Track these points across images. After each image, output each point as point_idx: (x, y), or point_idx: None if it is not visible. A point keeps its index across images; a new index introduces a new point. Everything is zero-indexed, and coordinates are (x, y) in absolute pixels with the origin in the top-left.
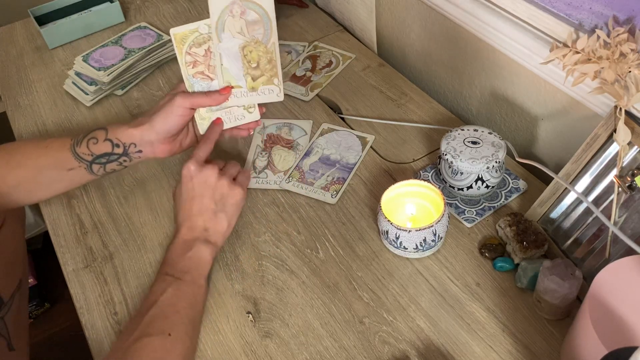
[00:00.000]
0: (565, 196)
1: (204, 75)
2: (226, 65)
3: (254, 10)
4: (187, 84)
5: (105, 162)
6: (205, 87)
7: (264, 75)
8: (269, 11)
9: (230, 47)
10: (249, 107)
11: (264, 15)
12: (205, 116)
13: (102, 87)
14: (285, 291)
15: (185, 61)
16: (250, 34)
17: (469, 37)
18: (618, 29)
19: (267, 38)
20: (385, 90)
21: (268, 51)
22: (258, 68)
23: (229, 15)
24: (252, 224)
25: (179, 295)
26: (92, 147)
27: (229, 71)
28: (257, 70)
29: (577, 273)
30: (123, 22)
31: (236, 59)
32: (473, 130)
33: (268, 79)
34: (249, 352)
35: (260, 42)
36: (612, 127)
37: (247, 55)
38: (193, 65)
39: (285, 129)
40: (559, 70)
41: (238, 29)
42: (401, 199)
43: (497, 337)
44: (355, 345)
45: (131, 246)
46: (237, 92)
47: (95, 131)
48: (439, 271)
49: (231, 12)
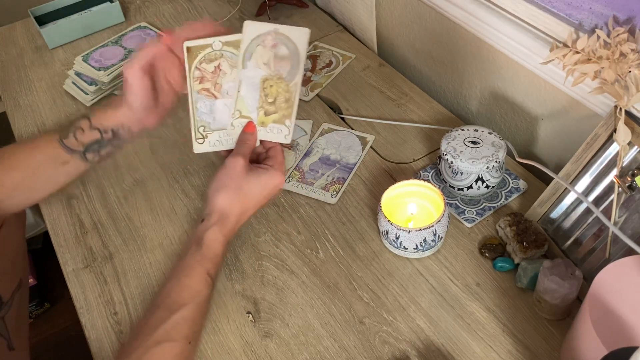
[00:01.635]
0: (565, 196)
1: (208, 93)
2: (243, 93)
3: (286, 45)
4: (191, 99)
5: (98, 148)
6: (208, 104)
7: (278, 113)
8: (301, 51)
9: (252, 76)
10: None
11: (294, 54)
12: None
13: (102, 87)
14: (285, 291)
15: (193, 76)
16: (275, 68)
17: (469, 37)
18: (618, 29)
19: (291, 77)
20: (385, 90)
21: (289, 90)
22: (274, 104)
23: (259, 45)
24: (252, 224)
25: (208, 302)
26: (81, 137)
27: (244, 100)
28: (272, 106)
29: (577, 273)
30: (123, 22)
31: (255, 90)
32: (473, 130)
33: (280, 118)
34: (249, 352)
35: (282, 79)
36: (612, 127)
37: (267, 89)
38: (200, 80)
39: None
40: (559, 70)
41: (265, 60)
42: (401, 199)
43: (497, 337)
44: (356, 345)
45: (131, 246)
46: (244, 122)
47: (79, 121)
48: (439, 271)
49: (263, 42)
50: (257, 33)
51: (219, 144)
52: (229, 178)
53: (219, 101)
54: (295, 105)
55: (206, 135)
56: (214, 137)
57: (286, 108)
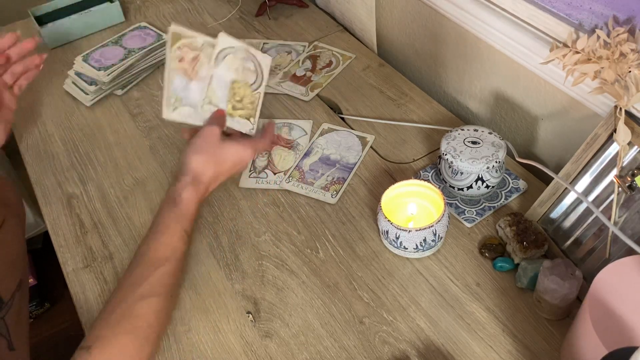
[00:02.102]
0: (565, 196)
1: (185, 74)
2: (214, 86)
3: (253, 62)
4: (167, 75)
5: None
6: (184, 82)
7: (244, 110)
8: (265, 73)
9: (223, 75)
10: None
11: (259, 72)
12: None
13: (102, 86)
14: (285, 291)
15: (174, 55)
16: (243, 75)
17: (469, 37)
18: (618, 29)
19: (255, 87)
20: (385, 90)
21: (253, 96)
22: (241, 102)
23: (231, 53)
24: (252, 224)
25: (185, 257)
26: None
27: (215, 91)
28: (240, 104)
29: (577, 273)
30: (123, 22)
31: (225, 87)
32: (473, 130)
33: (246, 114)
34: (249, 352)
35: (249, 86)
36: (612, 127)
37: (235, 89)
38: (179, 60)
39: (285, 129)
40: (559, 70)
41: (235, 67)
42: (401, 199)
43: (497, 337)
44: (356, 345)
45: (131, 246)
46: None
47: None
48: (439, 271)
49: (235, 53)
50: (229, 44)
51: (189, 117)
52: (205, 143)
53: (194, 82)
54: (258, 108)
55: (177, 107)
56: (185, 110)
57: (251, 109)
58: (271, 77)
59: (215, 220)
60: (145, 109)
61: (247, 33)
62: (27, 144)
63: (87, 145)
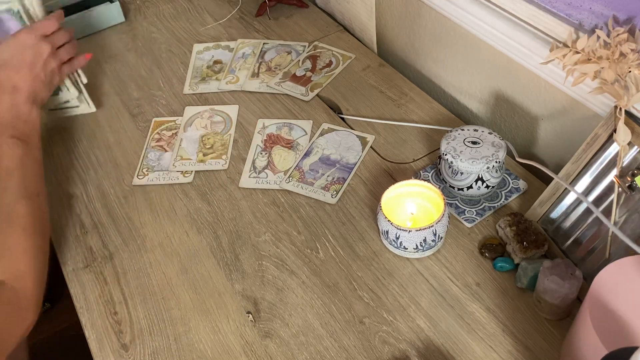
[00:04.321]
0: (565, 196)
1: (160, 148)
2: (184, 145)
3: (220, 115)
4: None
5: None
6: (157, 155)
7: (215, 153)
8: (233, 117)
9: (191, 135)
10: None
11: (227, 119)
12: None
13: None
14: (285, 291)
15: (152, 137)
16: (211, 128)
17: (468, 37)
18: (618, 29)
19: (225, 131)
20: (385, 90)
21: (224, 139)
22: (212, 148)
23: (198, 118)
24: (252, 224)
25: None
26: None
27: (185, 149)
28: (210, 150)
29: (577, 273)
30: (123, 22)
31: (194, 143)
32: (473, 130)
33: (217, 156)
34: (249, 352)
35: (218, 133)
36: (612, 127)
37: (205, 141)
38: (157, 141)
39: (285, 128)
40: (559, 70)
41: (203, 125)
42: (401, 199)
43: (497, 337)
44: (355, 345)
45: (131, 246)
46: (186, 163)
47: None
48: (439, 271)
49: (201, 115)
50: (194, 112)
51: (155, 179)
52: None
53: (168, 153)
54: (230, 146)
55: (147, 174)
56: (153, 175)
57: (223, 149)
58: (271, 77)
59: (215, 220)
60: (145, 109)
61: (247, 33)
62: None
63: (87, 145)
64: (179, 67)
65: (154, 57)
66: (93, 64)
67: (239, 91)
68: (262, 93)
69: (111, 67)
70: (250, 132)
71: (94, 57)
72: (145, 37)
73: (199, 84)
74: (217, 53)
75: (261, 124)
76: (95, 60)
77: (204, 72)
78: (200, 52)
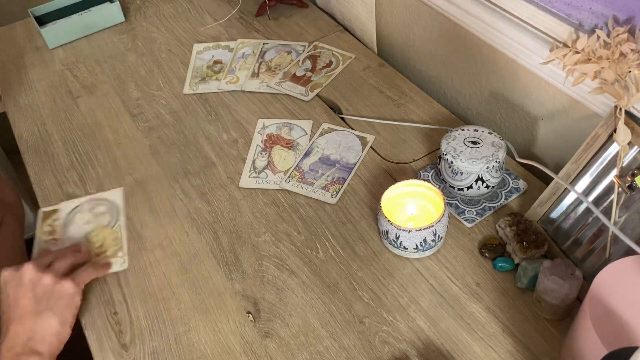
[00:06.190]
0: (565, 196)
1: (55, 240)
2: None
3: (103, 205)
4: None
5: None
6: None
7: (108, 250)
8: (119, 202)
9: (76, 234)
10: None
11: (113, 207)
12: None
13: None
14: (285, 291)
15: (44, 230)
16: (96, 221)
17: (468, 37)
18: (618, 29)
19: (113, 222)
20: (385, 90)
21: (114, 231)
22: (102, 247)
23: (77, 213)
24: (252, 224)
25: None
26: None
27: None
28: (101, 249)
29: (577, 273)
30: (123, 22)
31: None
32: (473, 130)
33: (112, 253)
34: (249, 352)
35: (106, 227)
36: (612, 127)
37: (92, 239)
38: (49, 233)
39: (285, 128)
40: (559, 70)
41: (85, 221)
42: (401, 199)
43: (497, 337)
44: (355, 345)
45: (131, 246)
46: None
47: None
48: (439, 271)
49: (80, 210)
50: (71, 207)
51: None
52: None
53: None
54: (124, 238)
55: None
56: None
57: (115, 244)
58: (271, 77)
59: (215, 220)
60: (145, 109)
61: (247, 33)
62: (27, 144)
63: (87, 145)
64: (179, 67)
65: (154, 57)
66: (93, 64)
67: (238, 91)
68: (262, 93)
69: (111, 67)
70: (250, 132)
71: (94, 57)
72: (145, 37)
73: (199, 84)
74: (217, 53)
75: (261, 124)
76: (95, 60)
77: (204, 72)
78: (200, 52)
